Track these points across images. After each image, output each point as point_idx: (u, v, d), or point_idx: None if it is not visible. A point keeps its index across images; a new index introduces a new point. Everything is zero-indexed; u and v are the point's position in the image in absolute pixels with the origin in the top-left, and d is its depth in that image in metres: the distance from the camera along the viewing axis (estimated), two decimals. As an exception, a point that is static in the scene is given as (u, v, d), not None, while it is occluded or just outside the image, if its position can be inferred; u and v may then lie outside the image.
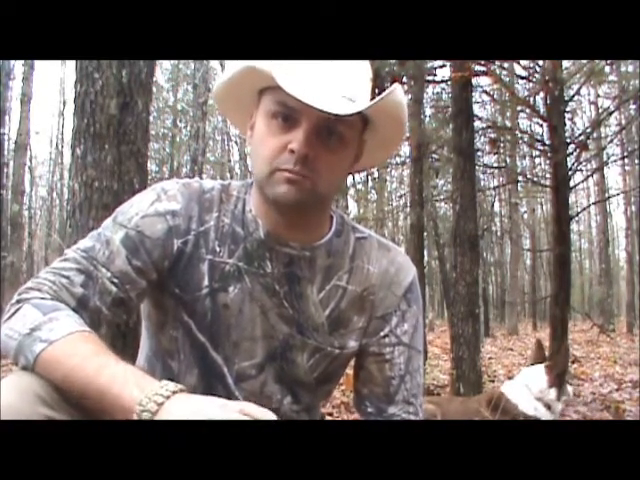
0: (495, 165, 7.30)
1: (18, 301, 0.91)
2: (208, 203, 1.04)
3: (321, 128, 0.93)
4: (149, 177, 3.06)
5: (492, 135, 6.19)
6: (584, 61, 4.56)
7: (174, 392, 0.80)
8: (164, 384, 0.81)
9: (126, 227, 0.99)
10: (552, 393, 2.74)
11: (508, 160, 7.66)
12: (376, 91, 1.04)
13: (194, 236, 1.02)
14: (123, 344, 2.40)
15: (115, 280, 0.96)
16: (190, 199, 1.03)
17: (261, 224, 1.03)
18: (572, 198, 8.80)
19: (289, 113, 0.94)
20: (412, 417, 1.10)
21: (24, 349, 0.85)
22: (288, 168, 0.93)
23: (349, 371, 1.17)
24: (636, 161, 9.03)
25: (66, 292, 0.93)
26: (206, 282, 1.01)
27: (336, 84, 0.93)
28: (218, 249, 1.02)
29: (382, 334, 1.09)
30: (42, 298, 0.91)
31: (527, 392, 2.73)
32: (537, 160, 11.14)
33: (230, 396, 1.03)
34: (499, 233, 17.59)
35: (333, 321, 1.06)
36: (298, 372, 1.07)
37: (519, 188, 12.53)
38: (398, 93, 0.94)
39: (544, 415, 2.68)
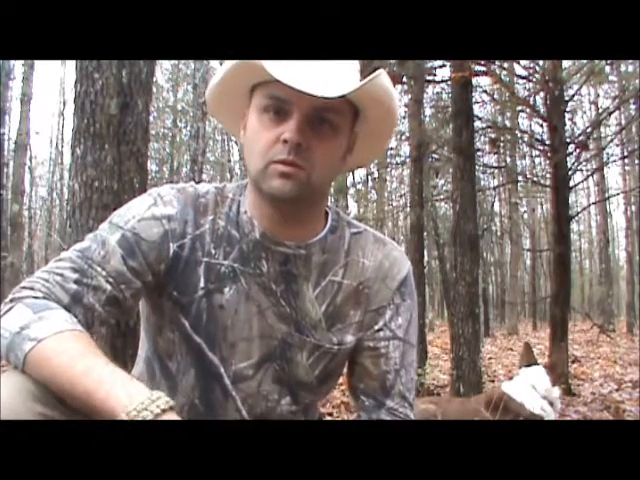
0: (495, 165, 7.31)
1: (11, 300, 0.91)
2: (203, 207, 1.04)
3: (312, 117, 0.94)
4: (149, 177, 3.06)
5: (492, 135, 6.20)
6: (584, 61, 4.57)
7: (164, 410, 0.78)
8: (155, 397, 0.79)
9: (122, 228, 1.00)
10: (555, 392, 2.76)
11: (508, 160, 7.66)
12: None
13: (190, 240, 1.02)
14: (123, 344, 2.41)
15: (110, 279, 0.96)
16: (185, 204, 1.03)
17: (257, 225, 1.03)
18: (572, 198, 8.80)
19: (280, 105, 0.95)
20: (408, 411, 1.10)
21: (14, 348, 0.85)
22: (282, 159, 0.93)
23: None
24: (636, 161, 9.03)
25: (59, 288, 0.93)
26: (202, 284, 1.02)
27: (324, 72, 0.94)
28: (213, 251, 1.03)
29: (376, 327, 1.09)
30: (35, 297, 0.91)
31: (533, 392, 2.74)
32: (537, 160, 11.15)
33: (227, 396, 1.03)
34: (499, 233, 17.57)
35: (330, 317, 1.07)
36: (298, 371, 1.07)
37: (519, 188, 12.52)
38: (383, 77, 0.94)
39: (550, 413, 2.69)
